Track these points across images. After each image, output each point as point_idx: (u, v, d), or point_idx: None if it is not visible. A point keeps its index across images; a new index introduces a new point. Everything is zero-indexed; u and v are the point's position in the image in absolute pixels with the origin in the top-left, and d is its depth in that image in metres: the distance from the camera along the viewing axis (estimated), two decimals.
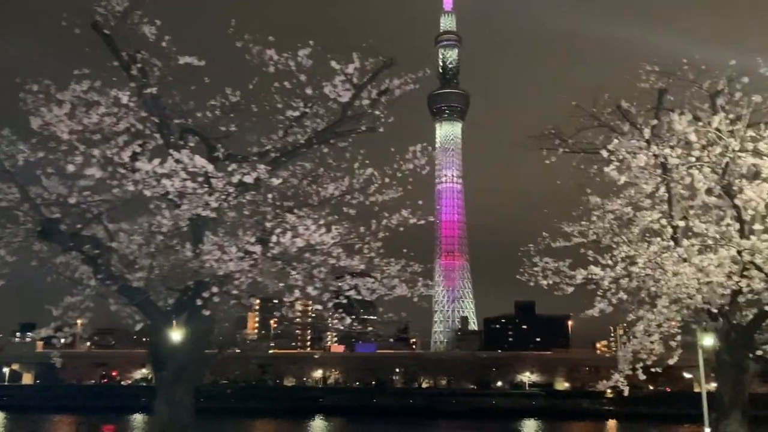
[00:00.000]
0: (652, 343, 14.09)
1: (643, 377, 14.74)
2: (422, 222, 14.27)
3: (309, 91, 14.06)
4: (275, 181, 12.84)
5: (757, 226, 12.47)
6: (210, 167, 11.97)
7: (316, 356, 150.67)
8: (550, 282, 16.16)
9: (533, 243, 16.02)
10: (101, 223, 13.33)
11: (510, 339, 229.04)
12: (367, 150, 15.69)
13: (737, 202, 12.49)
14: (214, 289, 12.47)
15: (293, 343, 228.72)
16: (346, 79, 13.85)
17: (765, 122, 12.67)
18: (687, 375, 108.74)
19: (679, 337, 14.85)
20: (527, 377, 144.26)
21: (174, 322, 14.42)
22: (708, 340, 36.37)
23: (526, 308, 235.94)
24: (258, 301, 16.86)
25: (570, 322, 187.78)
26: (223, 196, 12.60)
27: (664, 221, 14.67)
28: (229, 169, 12.80)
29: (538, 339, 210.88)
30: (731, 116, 12.73)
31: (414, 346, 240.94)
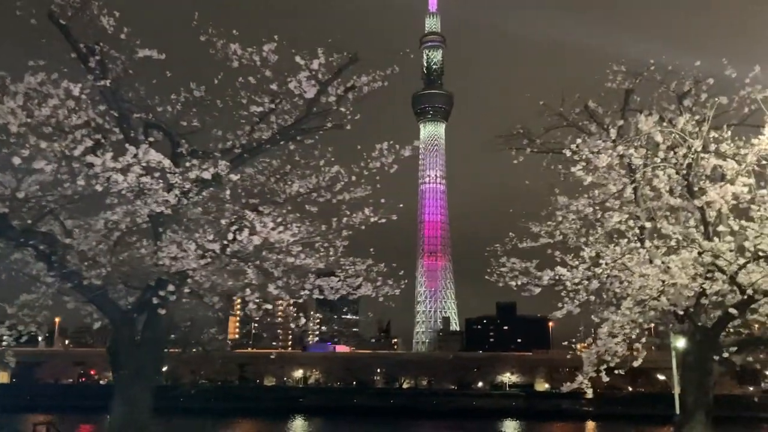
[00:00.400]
0: (616, 344, 14.00)
1: (606, 379, 14.65)
2: (383, 221, 14.06)
3: (274, 86, 13.84)
4: (234, 177, 12.53)
5: (722, 228, 12.42)
6: (167, 162, 11.69)
7: (272, 356, 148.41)
8: (519, 283, 16.05)
9: (501, 243, 15.89)
10: (57, 219, 13.00)
11: (491, 340, 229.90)
12: (345, 148, 15.51)
13: (698, 203, 12.43)
14: (170, 288, 12.19)
15: (274, 343, 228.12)
16: (311, 75, 13.64)
17: (727, 123, 12.62)
18: (660, 377, 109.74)
19: (644, 339, 14.78)
20: (508, 378, 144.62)
21: (134, 320, 14.16)
22: (681, 343, 36.41)
23: (508, 309, 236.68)
24: (239, 300, 16.64)
25: (551, 323, 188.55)
26: (181, 193, 12.35)
27: (631, 222, 14.62)
28: (188, 165, 12.56)
29: (519, 340, 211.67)
30: (697, 117, 12.68)
31: (396, 347, 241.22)
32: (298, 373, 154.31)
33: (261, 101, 14.22)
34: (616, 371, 14.61)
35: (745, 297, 12.25)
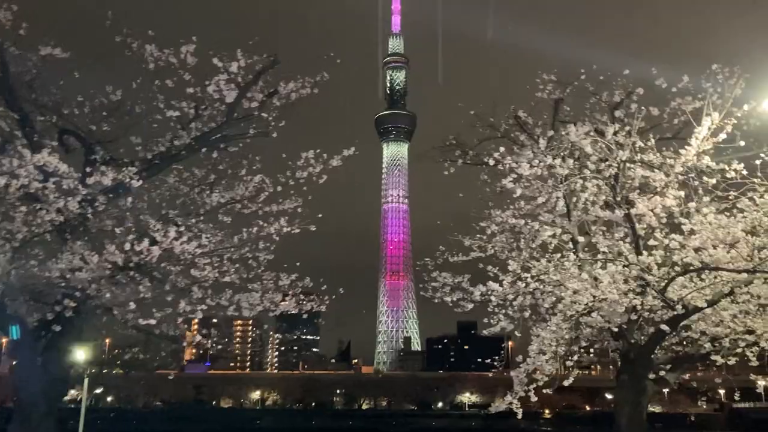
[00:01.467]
0: (546, 362, 13.47)
1: (534, 399, 14.09)
2: (297, 231, 13.40)
3: (191, 90, 13.12)
4: (135, 184, 11.71)
5: (652, 242, 12.04)
6: (63, 167, 10.84)
7: (170, 376, 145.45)
8: (453, 298, 15.50)
9: (432, 257, 15.33)
10: None
11: (452, 359, 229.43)
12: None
13: (619, 212, 12.05)
14: (68, 302, 11.29)
15: (232, 364, 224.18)
16: (230, 78, 12.97)
17: (660, 137, 12.30)
18: (608, 396, 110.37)
19: (576, 357, 14.32)
20: (467, 398, 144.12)
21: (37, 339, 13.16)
22: None
23: (468, 328, 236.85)
24: (196, 321, 15.77)
25: (510, 343, 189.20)
26: (86, 202, 11.52)
27: (564, 237, 14.21)
28: (94, 172, 11.73)
29: (479, 359, 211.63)
30: (628, 128, 12.34)
31: (356, 367, 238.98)
32: (256, 395, 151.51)
33: (179, 106, 13.48)
34: (543, 389, 14.05)
35: (676, 313, 11.86)
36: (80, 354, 17.89)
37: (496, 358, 14.15)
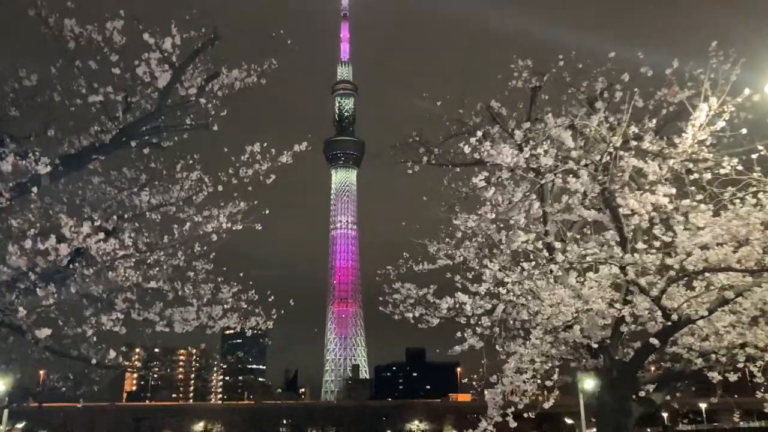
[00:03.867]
0: (525, 382, 11.97)
1: (514, 424, 12.51)
2: (238, 228, 11.66)
3: (117, 70, 11.31)
4: (44, 170, 9.83)
5: (640, 246, 10.73)
6: None
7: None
8: (416, 314, 13.91)
9: (394, 266, 13.74)
10: None
11: (400, 387, 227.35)
12: None
13: (605, 214, 10.78)
14: None
15: (174, 395, 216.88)
16: (162, 58, 11.23)
17: (649, 117, 11.02)
18: (568, 420, 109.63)
19: (556, 376, 12.89)
20: (416, 426, 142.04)
21: None
22: (589, 383, 34.88)
23: (417, 355, 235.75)
24: (138, 350, 13.76)
25: (459, 369, 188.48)
26: None
27: (539, 244, 12.84)
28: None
29: (428, 386, 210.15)
30: (611, 119, 11.10)
31: (303, 396, 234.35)
32: (199, 426, 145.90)
33: (105, 91, 11.63)
34: (525, 414, 12.59)
35: (669, 323, 10.56)
36: None
37: (475, 379, 12.35)
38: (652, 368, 14.35)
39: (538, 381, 12.04)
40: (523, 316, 12.10)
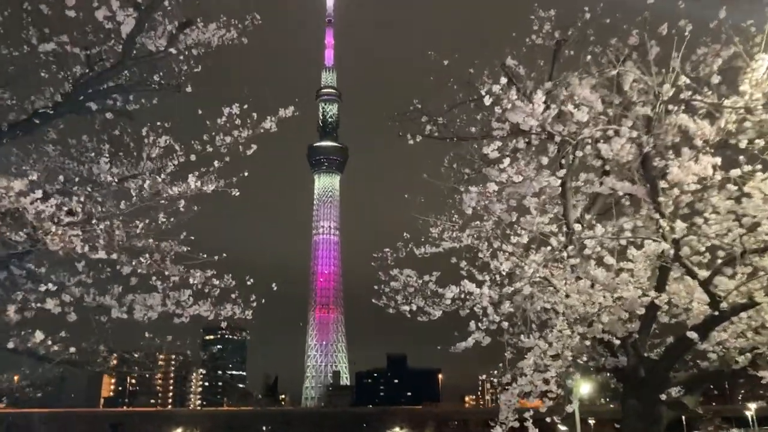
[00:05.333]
0: (546, 382, 10.35)
1: (535, 431, 10.84)
2: (209, 188, 10.01)
3: (73, 13, 9.62)
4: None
5: (679, 224, 9.23)
6: None
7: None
8: (413, 307, 12.31)
9: (393, 248, 12.12)
10: None
11: (381, 393, 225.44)
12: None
13: (643, 185, 9.26)
14: None
15: (152, 401, 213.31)
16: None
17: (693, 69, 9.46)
18: (562, 428, 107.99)
19: (578, 375, 11.35)
20: None
21: None
22: (585, 388, 33.18)
23: (398, 361, 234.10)
24: (115, 355, 12.21)
25: (440, 376, 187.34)
26: None
27: (554, 227, 11.29)
28: None
29: (409, 393, 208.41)
30: (646, 80, 9.60)
31: (283, 402, 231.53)
32: None
33: (59, 41, 9.95)
34: (547, 419, 10.99)
35: (716, 313, 9.06)
36: None
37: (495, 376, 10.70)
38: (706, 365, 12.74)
39: (558, 379, 10.45)
40: (543, 304, 10.50)
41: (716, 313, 8.98)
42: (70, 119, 11.04)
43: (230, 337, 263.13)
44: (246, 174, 10.55)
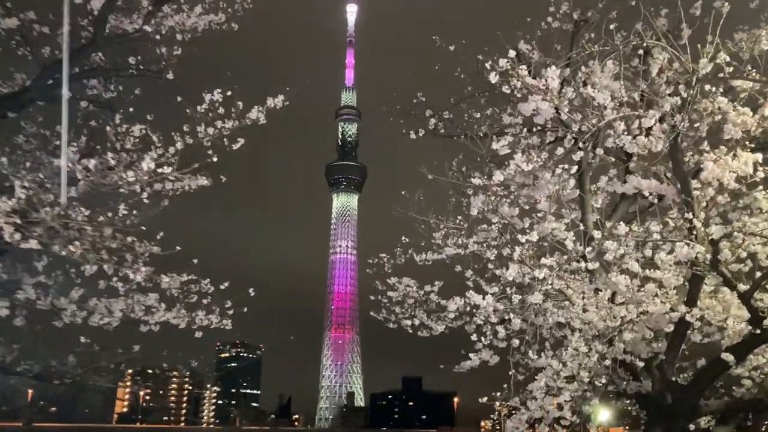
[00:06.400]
0: (560, 407, 9.11)
1: None
2: (167, 171, 8.96)
3: None
4: None
5: (714, 229, 8.07)
6: None
7: None
8: (416, 321, 11.20)
9: (391, 255, 11.03)
10: None
11: (396, 416, 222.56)
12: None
13: (673, 184, 8.10)
14: None
15: (165, 417, 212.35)
16: None
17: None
18: None
19: (596, 400, 10.11)
20: None
21: None
22: (605, 415, 31.19)
23: (414, 384, 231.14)
24: (130, 371, 11.24)
25: (456, 399, 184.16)
26: None
27: (571, 233, 10.14)
28: None
29: (423, 416, 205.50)
30: (671, 72, 8.49)
31: (297, 423, 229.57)
32: None
33: (24, 18, 9.10)
34: None
35: (757, 332, 7.86)
36: None
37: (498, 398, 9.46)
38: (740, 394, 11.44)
39: (573, 405, 9.22)
40: (556, 318, 9.29)
41: (757, 331, 7.76)
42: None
43: (245, 354, 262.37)
44: (215, 159, 9.51)
